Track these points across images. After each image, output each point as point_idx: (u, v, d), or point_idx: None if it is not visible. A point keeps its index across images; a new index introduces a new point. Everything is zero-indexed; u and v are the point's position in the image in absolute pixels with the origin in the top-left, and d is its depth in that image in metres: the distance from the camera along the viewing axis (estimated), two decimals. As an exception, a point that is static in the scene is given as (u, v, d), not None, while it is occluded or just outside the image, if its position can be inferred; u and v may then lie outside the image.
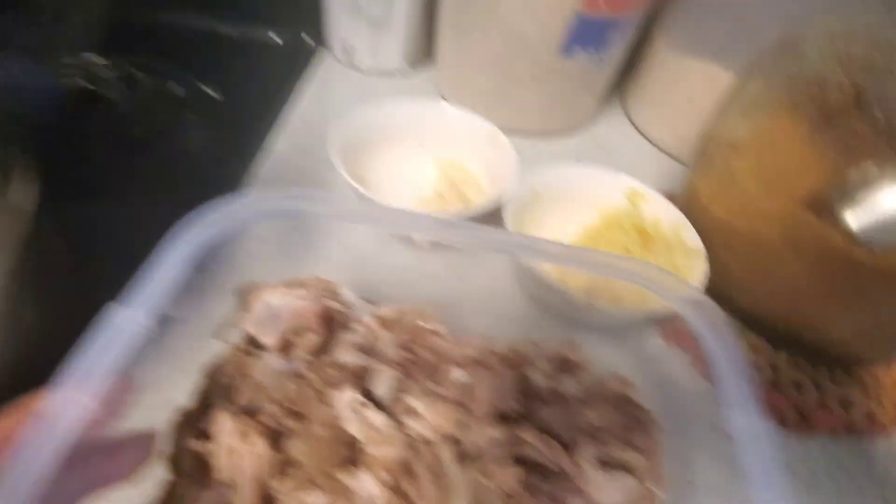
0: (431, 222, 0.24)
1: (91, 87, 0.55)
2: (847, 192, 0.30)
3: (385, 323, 0.29)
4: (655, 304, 0.34)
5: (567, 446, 0.24)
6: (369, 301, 0.31)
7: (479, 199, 0.43)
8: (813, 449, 0.36)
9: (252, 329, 0.27)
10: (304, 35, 0.64)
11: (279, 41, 0.64)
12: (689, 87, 0.53)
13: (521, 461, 0.23)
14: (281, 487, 0.22)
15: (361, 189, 0.38)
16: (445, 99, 0.60)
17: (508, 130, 0.58)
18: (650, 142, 0.61)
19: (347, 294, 0.30)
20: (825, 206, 0.32)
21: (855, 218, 0.30)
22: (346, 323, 0.29)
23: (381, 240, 0.43)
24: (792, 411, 0.36)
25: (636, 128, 0.63)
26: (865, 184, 0.30)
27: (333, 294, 0.29)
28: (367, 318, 0.29)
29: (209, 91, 0.57)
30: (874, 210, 0.30)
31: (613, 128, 0.63)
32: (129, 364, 0.20)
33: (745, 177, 0.36)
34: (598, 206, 0.44)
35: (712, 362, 0.21)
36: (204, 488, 0.23)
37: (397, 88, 0.62)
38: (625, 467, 0.25)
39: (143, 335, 0.19)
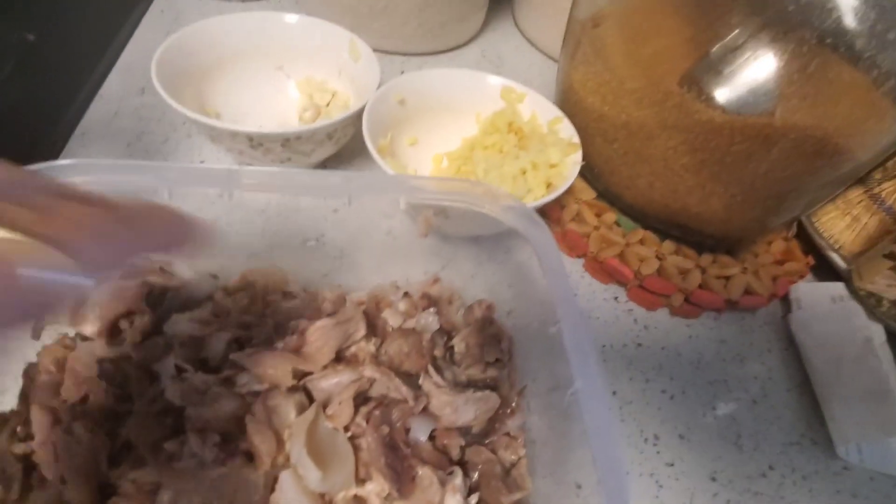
0: (253, 175, 0.24)
1: None
2: (711, 63, 0.29)
3: (230, 292, 0.28)
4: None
5: (417, 375, 0.23)
6: (214, 275, 0.29)
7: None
8: (698, 330, 0.36)
9: (65, 320, 0.24)
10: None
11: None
12: (569, -17, 0.50)
13: (369, 400, 0.22)
14: (115, 473, 0.21)
15: (200, 118, 0.32)
16: (313, 20, 0.54)
17: (389, 52, 0.53)
18: (539, 50, 0.58)
19: (182, 269, 0.27)
20: (690, 77, 0.30)
21: (717, 84, 0.29)
22: (186, 300, 0.27)
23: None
24: (678, 296, 0.36)
25: (526, 38, 0.60)
26: (728, 55, 0.28)
27: (162, 272, 0.26)
28: (215, 293, 0.28)
29: (20, 33, 0.47)
30: (736, 74, 0.28)
31: (504, 40, 0.60)
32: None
33: (612, 55, 0.33)
34: (475, 112, 0.40)
35: (542, 263, 0.23)
36: (35, 490, 0.21)
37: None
38: (484, 384, 0.24)
39: None
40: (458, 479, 0.20)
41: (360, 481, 0.19)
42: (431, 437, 0.22)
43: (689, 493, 0.28)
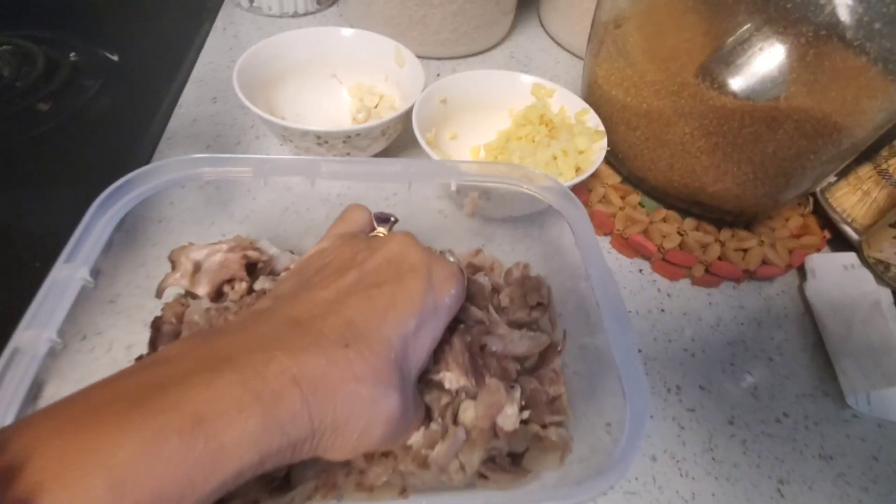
0: (330, 164, 0.29)
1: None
2: (722, 56, 0.32)
3: None
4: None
5: (485, 308, 0.28)
6: (291, 251, 0.34)
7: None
8: (718, 298, 0.40)
9: (185, 283, 0.29)
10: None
11: (174, -9, 0.62)
12: (591, -15, 0.54)
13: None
14: None
15: (276, 120, 0.38)
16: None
17: (426, 57, 0.58)
18: (565, 49, 0.62)
19: (266, 245, 0.33)
20: (703, 68, 0.34)
21: (728, 74, 0.32)
22: (272, 270, 0.32)
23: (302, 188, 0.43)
24: (698, 268, 0.39)
25: (552, 37, 0.64)
26: (740, 45, 0.31)
27: (253, 247, 0.31)
28: (289, 264, 0.32)
29: (105, 53, 0.55)
30: (744, 65, 0.32)
31: (531, 42, 0.64)
32: (79, 312, 0.22)
33: (633, 52, 0.37)
34: (508, 108, 0.45)
35: (574, 232, 0.28)
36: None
37: (307, 27, 0.61)
38: (528, 326, 0.29)
39: (87, 287, 0.23)
40: (517, 392, 0.24)
41: (437, 371, 0.24)
42: (495, 357, 0.26)
43: (708, 434, 0.32)
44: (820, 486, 0.31)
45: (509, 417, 0.23)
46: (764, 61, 0.30)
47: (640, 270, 0.41)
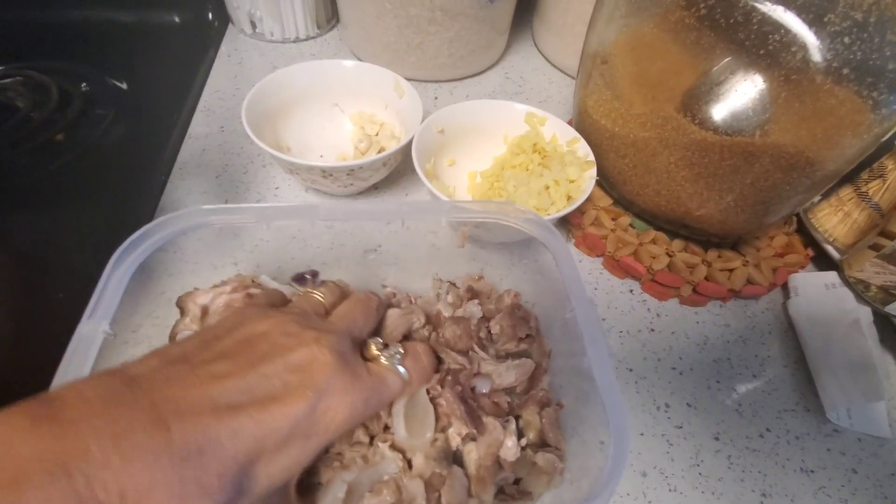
0: (328, 207, 0.31)
1: (-6, 96, 0.54)
2: (701, 93, 0.34)
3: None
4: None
5: (467, 351, 0.30)
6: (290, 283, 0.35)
7: (393, 147, 0.45)
8: (705, 317, 0.42)
9: (195, 328, 0.31)
10: (209, 13, 0.64)
11: (180, 22, 0.64)
12: (581, 10, 0.56)
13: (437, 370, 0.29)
14: None
15: (283, 156, 0.40)
16: (356, 55, 0.61)
17: (423, 80, 0.60)
18: (557, 69, 0.64)
19: (266, 280, 0.34)
20: (685, 104, 0.35)
21: (707, 110, 0.34)
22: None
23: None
24: (686, 288, 0.41)
25: (545, 58, 0.66)
26: (714, 80, 0.33)
27: (254, 284, 0.33)
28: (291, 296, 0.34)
29: (115, 82, 0.57)
30: (722, 102, 0.34)
31: (525, 62, 0.66)
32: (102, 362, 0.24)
33: (619, 85, 0.39)
34: (503, 135, 0.47)
35: (557, 264, 0.30)
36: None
37: (309, 53, 0.63)
38: (518, 355, 0.31)
39: (109, 341, 0.25)
40: (512, 424, 0.26)
41: (441, 429, 0.26)
42: (486, 396, 0.28)
43: (695, 450, 0.34)
44: (801, 499, 0.33)
45: (510, 450, 0.25)
46: (740, 99, 0.32)
47: (631, 291, 0.43)
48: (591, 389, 0.27)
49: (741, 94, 0.32)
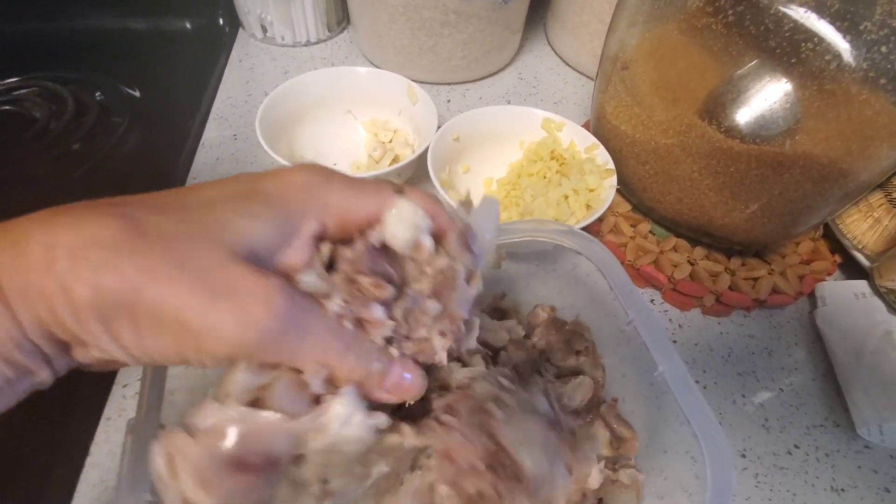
0: None
1: (11, 108, 0.54)
2: (726, 96, 0.33)
3: None
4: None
5: (524, 375, 0.28)
6: None
7: (407, 154, 0.45)
8: (728, 327, 0.41)
9: None
10: (219, 19, 0.63)
11: (191, 28, 0.63)
12: (598, 8, 0.54)
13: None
14: None
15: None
16: (367, 58, 0.61)
17: (436, 83, 0.59)
18: (572, 68, 0.63)
19: None
20: (710, 111, 0.34)
21: (734, 118, 0.33)
22: None
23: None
24: (709, 297, 0.40)
25: (560, 57, 0.65)
26: (741, 88, 0.32)
27: None
28: None
29: (128, 90, 0.57)
30: (750, 110, 0.32)
31: (539, 61, 0.65)
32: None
33: (640, 91, 0.38)
34: (519, 141, 0.46)
35: (607, 277, 0.28)
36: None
37: (320, 57, 0.62)
38: (575, 371, 0.30)
39: None
40: (594, 452, 0.24)
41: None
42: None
43: (720, 468, 0.33)
44: (831, 518, 0.32)
45: (595, 479, 0.24)
46: (768, 107, 0.31)
47: (652, 300, 0.42)
48: (664, 401, 0.26)
49: (770, 101, 0.30)
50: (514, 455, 0.20)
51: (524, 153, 0.45)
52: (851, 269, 0.43)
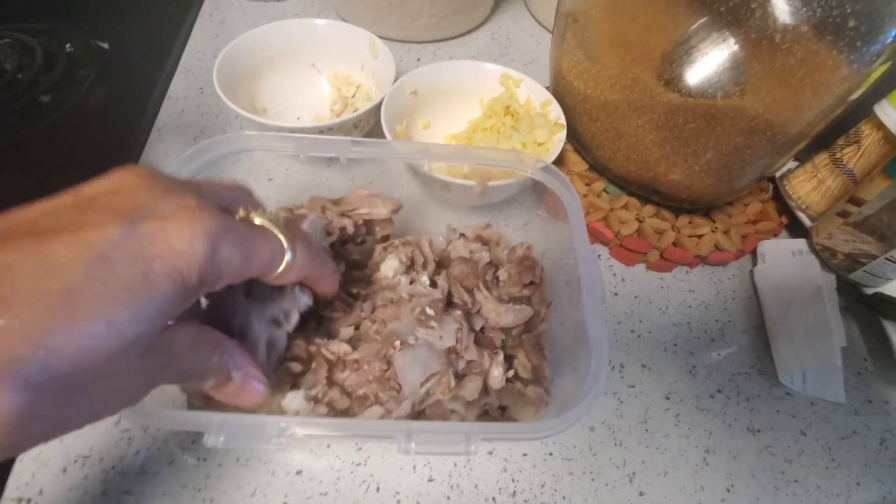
0: (359, 145, 0.31)
1: (-21, 56, 0.54)
2: (669, 52, 0.33)
3: None
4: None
5: (472, 289, 0.32)
6: None
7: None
8: (670, 282, 0.42)
9: None
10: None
11: (161, -21, 0.63)
12: (569, -33, 0.54)
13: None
14: None
15: (254, 117, 0.40)
16: (339, 14, 0.60)
17: (405, 41, 0.59)
18: (546, 29, 0.62)
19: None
20: (651, 64, 0.35)
21: (673, 71, 0.33)
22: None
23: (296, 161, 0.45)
24: (653, 253, 0.42)
25: (534, 17, 0.64)
26: (683, 44, 0.32)
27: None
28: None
29: (98, 42, 0.57)
30: (685, 61, 0.33)
31: (513, 22, 0.64)
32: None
33: (591, 46, 0.38)
34: (479, 97, 0.46)
35: (564, 207, 0.31)
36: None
37: (292, 12, 0.62)
38: (520, 300, 0.33)
39: None
40: (500, 356, 0.29)
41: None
42: (482, 331, 0.31)
43: (644, 408, 0.35)
44: (744, 457, 0.34)
45: (496, 378, 0.28)
46: (703, 60, 0.31)
47: (599, 256, 0.43)
48: (585, 337, 0.27)
49: (701, 53, 0.31)
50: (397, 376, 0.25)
51: (482, 109, 0.46)
52: (798, 229, 0.44)
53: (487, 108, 0.45)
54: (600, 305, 0.26)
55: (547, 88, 0.45)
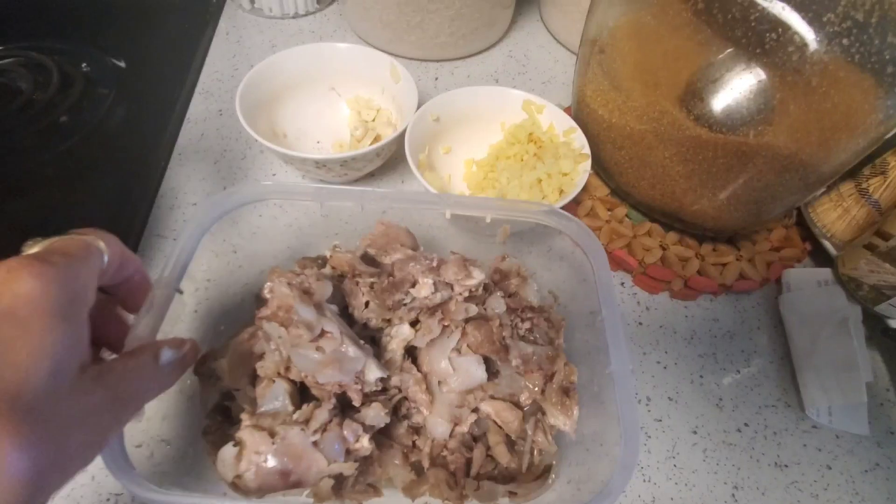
0: (378, 195, 0.31)
1: (-5, 78, 0.54)
2: (697, 84, 0.33)
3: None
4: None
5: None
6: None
7: (389, 134, 0.45)
8: (694, 311, 0.42)
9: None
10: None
11: (177, -2, 0.63)
12: (589, -13, 0.54)
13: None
14: None
15: (276, 147, 0.40)
16: (356, 33, 0.60)
17: (424, 59, 0.59)
18: (564, 46, 0.62)
19: None
20: (682, 99, 0.35)
21: (704, 106, 0.33)
22: None
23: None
24: (677, 282, 0.41)
25: (552, 34, 0.64)
26: (710, 77, 0.32)
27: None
28: None
29: (114, 61, 0.57)
30: (719, 99, 0.33)
31: (531, 39, 0.64)
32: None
33: (617, 76, 0.38)
34: (500, 122, 0.46)
35: (594, 269, 0.31)
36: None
37: (308, 30, 0.62)
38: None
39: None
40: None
41: None
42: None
43: (672, 443, 0.35)
44: (772, 493, 0.34)
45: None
46: (735, 97, 0.31)
47: (622, 283, 0.43)
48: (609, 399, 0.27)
49: (736, 92, 0.31)
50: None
51: (504, 135, 0.46)
52: (821, 257, 0.44)
53: (510, 135, 0.44)
54: (631, 380, 0.26)
55: (566, 110, 0.45)
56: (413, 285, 0.30)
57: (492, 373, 0.29)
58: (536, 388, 0.29)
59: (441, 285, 0.30)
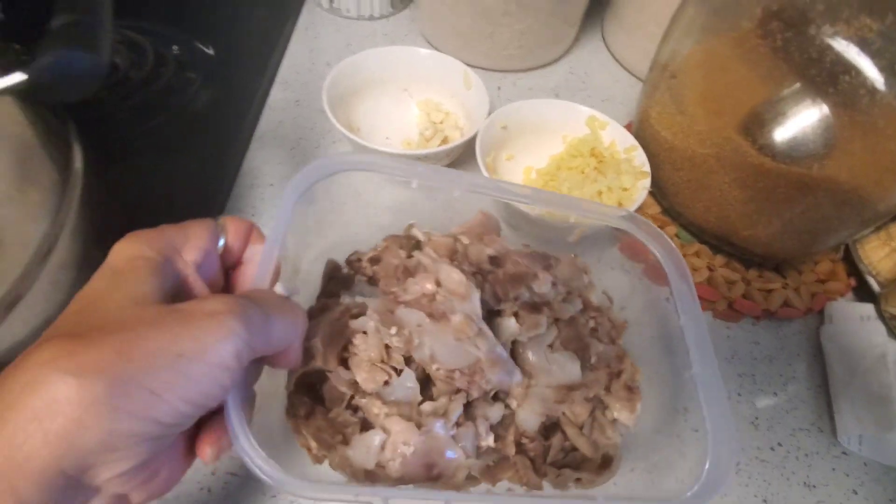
0: (477, 182, 0.31)
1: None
2: (765, 115, 0.35)
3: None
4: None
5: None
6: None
7: (456, 137, 0.48)
8: (736, 332, 0.44)
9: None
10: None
11: (265, -7, 0.67)
12: (657, 11, 0.56)
13: None
14: None
15: (355, 138, 0.43)
16: (427, 39, 0.63)
17: (489, 69, 0.62)
18: (625, 68, 0.64)
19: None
20: (748, 127, 0.37)
21: (769, 137, 0.35)
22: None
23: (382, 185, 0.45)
24: (722, 303, 0.43)
25: (613, 55, 0.66)
26: (780, 109, 0.34)
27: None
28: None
29: (202, 47, 0.61)
30: (785, 130, 0.35)
31: (592, 56, 0.66)
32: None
33: (684, 101, 0.40)
34: (562, 135, 0.49)
35: (659, 262, 0.33)
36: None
37: (381, 32, 0.65)
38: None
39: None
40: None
41: None
42: None
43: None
44: (800, 509, 0.36)
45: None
46: (801, 131, 0.33)
47: (667, 300, 0.45)
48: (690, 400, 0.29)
49: (804, 125, 0.33)
50: None
51: (566, 147, 0.48)
52: (864, 292, 0.45)
53: (572, 148, 0.47)
54: (726, 405, 0.27)
55: (626, 127, 0.47)
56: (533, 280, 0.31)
57: None
58: (602, 384, 0.31)
59: (559, 282, 0.32)
